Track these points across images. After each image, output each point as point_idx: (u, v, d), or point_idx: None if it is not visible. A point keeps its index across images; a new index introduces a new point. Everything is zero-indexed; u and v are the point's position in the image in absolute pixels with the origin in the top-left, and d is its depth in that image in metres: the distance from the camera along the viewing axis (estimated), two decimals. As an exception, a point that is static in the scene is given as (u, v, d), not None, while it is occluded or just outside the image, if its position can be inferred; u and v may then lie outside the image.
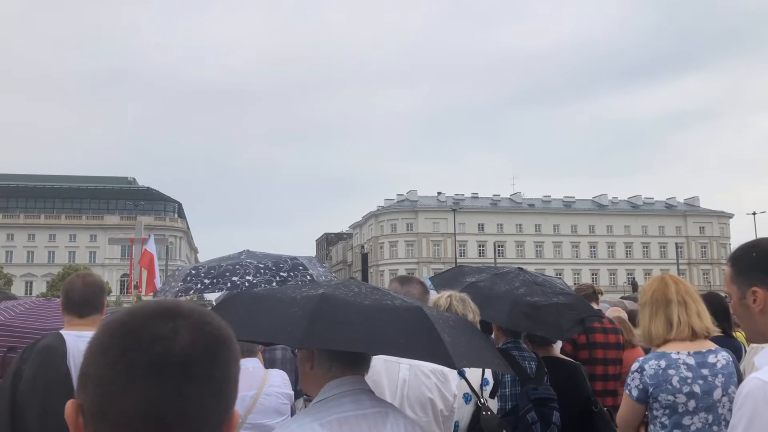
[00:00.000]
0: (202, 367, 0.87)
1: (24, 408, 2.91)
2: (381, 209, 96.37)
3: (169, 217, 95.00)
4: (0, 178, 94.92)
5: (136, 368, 0.84)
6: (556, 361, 4.13)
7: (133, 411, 0.84)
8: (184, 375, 0.86)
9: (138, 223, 21.15)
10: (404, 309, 1.97)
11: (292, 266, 5.07)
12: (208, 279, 4.90)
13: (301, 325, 1.81)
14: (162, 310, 0.90)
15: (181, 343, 0.86)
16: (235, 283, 4.81)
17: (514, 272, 4.39)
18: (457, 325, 2.12)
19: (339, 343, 1.87)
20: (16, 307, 4.15)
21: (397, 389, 2.75)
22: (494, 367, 2.21)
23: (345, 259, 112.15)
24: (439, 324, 1.91)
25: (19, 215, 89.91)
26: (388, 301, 2.01)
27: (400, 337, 1.87)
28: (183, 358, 0.86)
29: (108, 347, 0.87)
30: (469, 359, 1.99)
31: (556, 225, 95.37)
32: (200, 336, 0.88)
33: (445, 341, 1.83)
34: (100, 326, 0.92)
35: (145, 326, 0.87)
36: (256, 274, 4.87)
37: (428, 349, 1.86)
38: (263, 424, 3.14)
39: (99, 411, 0.86)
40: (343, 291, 2.02)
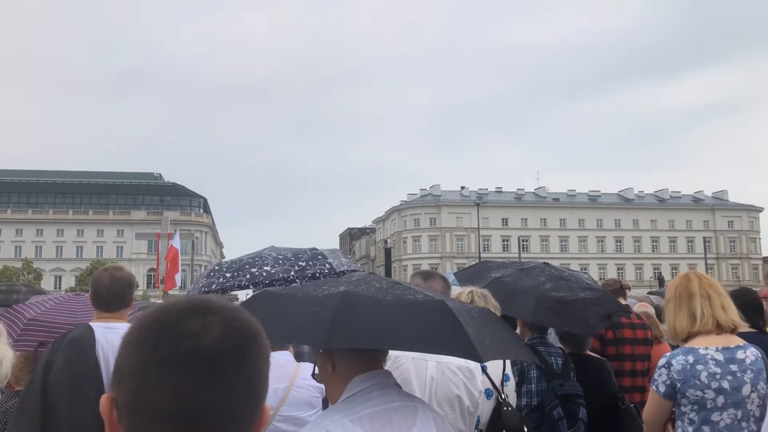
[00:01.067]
0: (232, 362, 0.89)
1: (54, 398, 2.96)
2: (404, 204, 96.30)
3: (194, 213, 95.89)
4: (30, 175, 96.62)
5: (167, 363, 0.86)
6: (582, 357, 4.10)
7: (165, 405, 0.86)
8: (215, 370, 0.87)
9: (164, 219, 21.34)
10: (427, 303, 1.95)
11: (311, 256, 5.10)
12: (229, 273, 4.97)
13: (324, 325, 1.79)
14: (193, 306, 0.92)
15: (211, 339, 0.88)
16: (253, 275, 4.85)
17: (540, 267, 4.36)
18: (480, 317, 2.10)
19: (363, 342, 1.86)
20: (46, 302, 4.22)
21: (425, 387, 2.76)
22: (520, 357, 2.19)
23: (368, 254, 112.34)
24: (462, 317, 1.90)
25: (48, 211, 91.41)
26: (410, 296, 1.99)
27: (425, 332, 1.85)
28: (213, 353, 0.87)
29: (141, 342, 0.89)
30: (494, 351, 1.97)
31: (582, 219, 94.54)
32: (230, 331, 0.90)
33: (470, 334, 1.81)
34: (134, 322, 0.94)
35: (177, 322, 0.89)
36: (274, 265, 4.90)
37: (454, 343, 1.85)
38: (295, 417, 3.15)
39: (132, 405, 0.88)
40: (364, 287, 2.00)
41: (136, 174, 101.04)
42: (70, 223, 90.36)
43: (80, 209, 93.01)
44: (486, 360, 1.85)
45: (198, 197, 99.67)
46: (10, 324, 4.06)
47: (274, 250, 5.23)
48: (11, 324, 4.05)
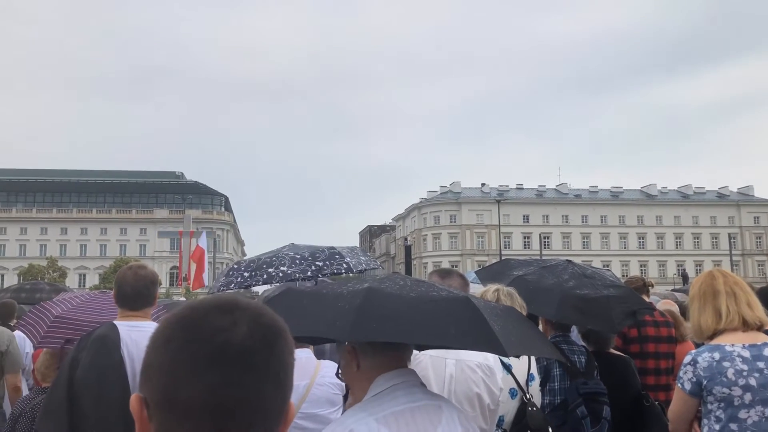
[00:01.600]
0: (261, 356, 0.90)
1: (80, 394, 3.00)
2: (424, 201, 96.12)
3: (216, 211, 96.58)
4: (54, 175, 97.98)
5: (198, 359, 0.88)
6: (605, 356, 4.07)
7: (196, 400, 0.87)
8: (244, 364, 0.88)
9: (186, 217, 21.57)
10: (452, 299, 1.95)
11: (328, 255, 5.11)
12: (247, 272, 5.02)
13: (349, 318, 1.80)
14: (221, 304, 0.93)
15: (240, 334, 0.89)
16: (270, 274, 4.89)
17: (563, 265, 4.33)
18: (505, 314, 2.09)
19: (388, 335, 1.85)
20: (72, 300, 4.26)
21: (444, 385, 2.73)
22: (545, 354, 2.17)
23: (388, 251, 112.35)
24: (487, 313, 1.89)
25: (72, 210, 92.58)
26: (435, 293, 1.99)
27: (450, 327, 1.84)
28: (242, 348, 0.89)
29: (170, 339, 0.91)
30: (520, 347, 1.96)
31: (604, 216, 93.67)
32: (258, 327, 0.92)
33: (494, 330, 1.81)
34: (162, 321, 0.96)
35: (206, 319, 0.91)
36: (291, 265, 4.93)
37: (479, 338, 1.84)
38: (315, 414, 3.16)
39: (163, 401, 0.89)
40: (388, 284, 2.00)
41: (159, 173, 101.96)
42: (94, 222, 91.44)
43: (104, 208, 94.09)
44: (511, 354, 1.83)
45: (219, 195, 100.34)
46: (38, 321, 4.11)
47: (293, 249, 5.25)
48: (38, 321, 4.11)
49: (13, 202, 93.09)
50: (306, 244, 5.60)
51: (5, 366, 5.31)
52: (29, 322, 4.20)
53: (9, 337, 5.37)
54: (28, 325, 4.20)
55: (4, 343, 5.29)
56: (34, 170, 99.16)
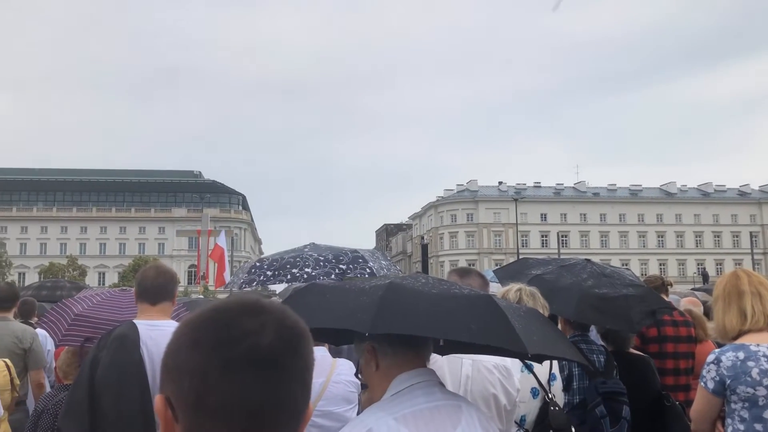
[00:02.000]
0: (288, 358, 0.93)
1: (101, 393, 3.03)
2: (441, 200, 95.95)
3: (233, 209, 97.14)
4: (74, 174, 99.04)
5: (230, 361, 0.89)
6: (625, 355, 4.04)
7: (227, 402, 0.89)
8: (274, 366, 0.91)
9: (204, 216, 21.73)
10: (474, 297, 1.96)
11: (351, 259, 5.12)
12: (270, 271, 5.05)
13: (371, 310, 1.81)
14: (247, 306, 0.95)
15: (268, 337, 0.91)
16: (294, 275, 4.92)
17: (581, 264, 4.30)
18: (527, 315, 2.08)
19: (409, 328, 1.85)
20: (93, 298, 4.30)
21: (460, 385, 2.72)
22: (567, 356, 2.14)
23: (405, 250, 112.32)
24: (509, 312, 1.89)
25: (91, 209, 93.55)
26: (456, 290, 2.00)
27: (471, 323, 1.84)
28: (271, 350, 0.91)
29: (199, 341, 0.92)
30: (541, 347, 1.94)
31: (622, 214, 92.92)
32: (284, 330, 0.94)
33: (516, 328, 1.80)
34: (183, 322, 0.97)
35: (234, 321, 0.92)
36: (315, 267, 4.95)
37: (500, 335, 1.83)
38: (331, 412, 3.17)
39: (194, 403, 0.90)
40: (410, 281, 2.02)
41: (177, 172, 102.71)
42: (113, 221, 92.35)
43: (123, 207, 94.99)
44: (533, 352, 1.82)
45: (237, 194, 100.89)
46: (59, 319, 4.16)
47: (315, 249, 5.27)
48: (59, 319, 4.15)
49: (34, 202, 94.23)
50: (326, 244, 5.61)
51: (29, 363, 5.38)
52: (50, 319, 4.25)
53: (32, 334, 5.44)
54: (49, 323, 4.25)
55: (27, 340, 5.36)
56: (55, 170, 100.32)
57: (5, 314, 5.47)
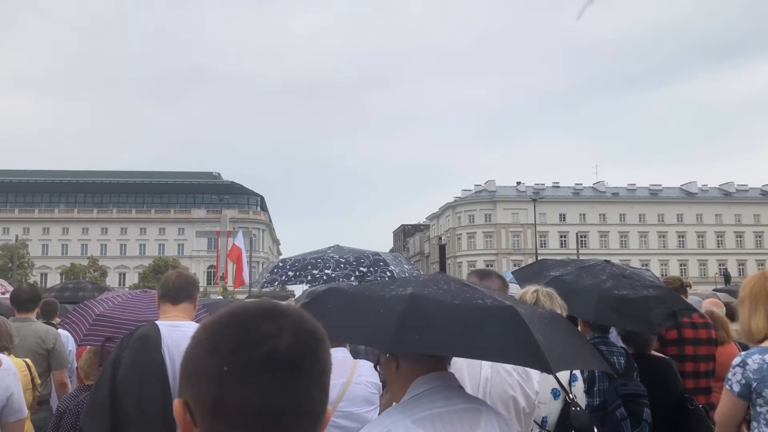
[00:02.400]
0: (306, 361, 0.92)
1: (122, 393, 3.06)
2: (458, 200, 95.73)
3: (252, 210, 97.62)
4: (95, 176, 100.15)
5: (248, 365, 0.89)
6: (646, 357, 4.00)
7: (246, 406, 0.89)
8: (292, 370, 0.91)
9: (223, 217, 21.88)
10: (496, 309, 1.89)
11: (373, 262, 5.13)
12: (292, 272, 5.10)
13: (390, 329, 1.77)
14: (265, 310, 0.95)
15: (286, 341, 0.91)
16: (314, 276, 4.95)
17: (601, 265, 4.27)
18: (551, 323, 2.04)
19: (429, 348, 1.82)
20: (114, 299, 4.35)
21: (479, 387, 2.71)
22: (592, 366, 2.12)
23: (422, 251, 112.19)
24: (533, 324, 1.84)
25: (112, 210, 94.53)
26: (479, 301, 1.93)
27: (494, 341, 1.80)
28: (289, 354, 0.91)
29: (217, 346, 0.91)
30: (566, 361, 1.92)
31: (642, 214, 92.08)
32: (301, 333, 0.94)
33: (540, 344, 1.76)
34: (201, 326, 0.97)
35: (252, 325, 0.92)
36: (335, 268, 4.98)
37: (524, 353, 1.79)
38: (352, 413, 3.18)
39: (213, 408, 0.90)
40: (432, 289, 1.96)
41: (196, 173, 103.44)
42: (134, 222, 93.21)
43: (143, 208, 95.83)
44: (557, 371, 1.80)
45: (255, 195, 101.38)
46: (80, 320, 4.21)
47: (338, 251, 5.29)
48: (81, 320, 4.20)
49: (56, 203, 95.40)
50: (350, 246, 5.63)
51: (51, 363, 5.45)
52: (72, 320, 4.30)
53: (54, 335, 5.51)
54: (71, 324, 4.30)
55: (50, 341, 5.43)
56: (76, 171, 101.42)
57: (28, 315, 5.54)
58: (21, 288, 5.95)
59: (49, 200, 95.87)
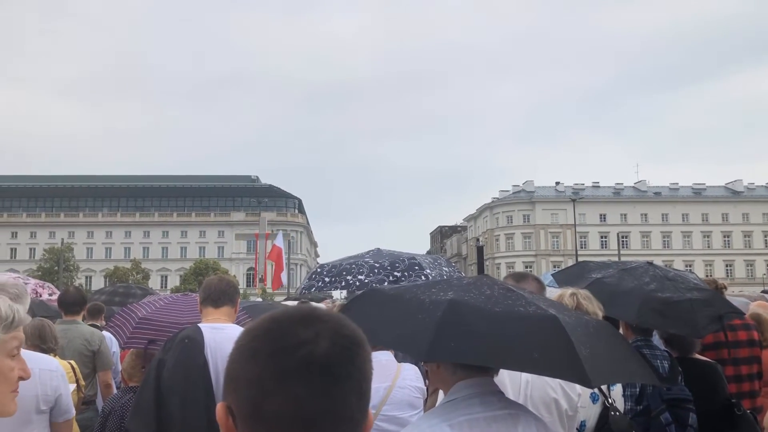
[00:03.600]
0: (344, 367, 0.93)
1: (167, 395, 3.12)
2: (496, 201, 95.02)
3: (290, 213, 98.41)
4: (136, 180, 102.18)
5: (284, 371, 0.90)
6: (691, 361, 3.91)
7: (283, 411, 0.90)
8: (329, 375, 0.91)
9: (262, 220, 22.08)
10: (538, 318, 1.84)
11: (408, 266, 5.12)
12: (328, 277, 5.16)
13: (428, 336, 1.74)
14: (303, 316, 0.96)
15: (323, 346, 0.92)
16: (348, 282, 4.99)
17: (643, 267, 4.18)
18: (597, 332, 1.97)
19: (466, 357, 1.79)
20: (156, 302, 4.43)
21: (520, 390, 2.69)
22: (638, 379, 2.05)
23: (460, 252, 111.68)
24: (576, 335, 1.79)
25: (154, 214, 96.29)
26: (521, 308, 1.88)
27: (534, 352, 1.75)
28: (326, 359, 0.91)
29: (256, 352, 0.93)
30: (609, 374, 1.86)
31: (685, 214, 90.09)
32: (339, 339, 0.94)
33: (581, 356, 1.71)
34: (244, 331, 0.99)
35: (290, 331, 0.94)
36: (369, 274, 5.00)
37: (562, 366, 1.74)
38: (396, 417, 3.16)
39: (252, 412, 0.92)
40: (473, 294, 1.92)
41: (235, 177, 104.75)
42: (175, 225, 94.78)
43: (183, 212, 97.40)
44: (597, 386, 1.76)
45: (293, 198, 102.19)
46: (124, 323, 4.30)
47: (374, 256, 5.31)
48: (125, 323, 4.29)
49: (99, 207, 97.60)
50: (390, 250, 5.62)
51: (97, 365, 5.58)
52: (117, 323, 4.40)
53: (99, 337, 5.64)
54: (115, 327, 4.40)
55: (95, 343, 5.56)
56: (118, 176, 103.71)
57: (74, 317, 5.68)
58: (68, 291, 6.10)
59: (93, 204, 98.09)
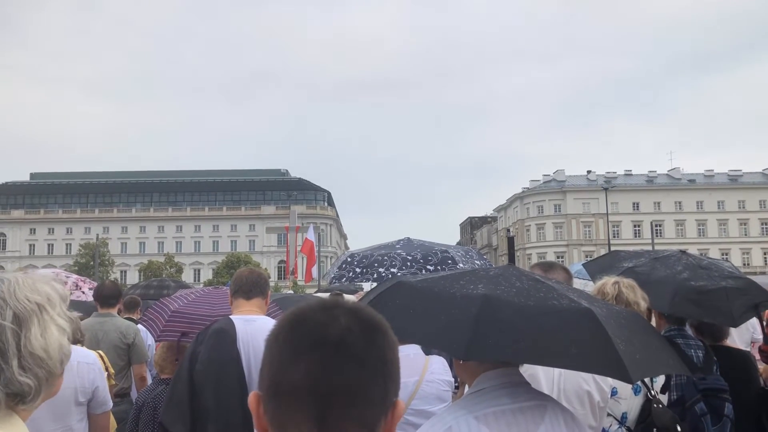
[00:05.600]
0: (359, 347, 0.97)
1: (201, 387, 3.15)
2: (526, 191, 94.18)
3: (319, 206, 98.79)
4: (168, 175, 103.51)
5: (299, 347, 0.97)
6: (724, 349, 3.85)
7: (297, 384, 0.95)
8: (342, 353, 0.96)
9: (292, 213, 22.29)
10: (573, 312, 1.81)
11: (441, 259, 5.06)
12: (359, 268, 5.10)
13: (465, 334, 1.72)
14: (324, 304, 1.03)
15: (338, 327, 0.97)
16: (380, 274, 4.95)
17: (676, 255, 4.11)
18: (629, 324, 1.94)
19: (504, 355, 1.77)
20: (188, 295, 4.49)
21: (553, 382, 2.68)
22: (673, 370, 2.01)
23: (490, 243, 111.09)
24: (611, 327, 1.76)
25: (186, 209, 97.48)
26: (555, 301, 1.85)
27: (571, 347, 1.73)
28: (339, 338, 0.96)
29: (278, 334, 1.01)
30: (646, 368, 1.83)
31: (721, 201, 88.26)
32: (355, 321, 0.99)
33: (619, 350, 1.69)
34: (274, 324, 1.06)
35: (309, 315, 1.01)
36: (402, 267, 4.95)
37: (602, 361, 1.72)
38: (425, 410, 3.15)
39: (270, 389, 0.98)
40: (504, 287, 1.89)
41: (265, 171, 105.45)
42: (207, 219, 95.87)
43: (215, 206, 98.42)
44: (636, 380, 1.73)
45: (323, 191, 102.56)
46: (157, 316, 4.37)
47: (405, 247, 5.25)
48: (158, 316, 4.36)
49: (133, 203, 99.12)
50: (420, 240, 5.56)
51: (132, 357, 5.68)
52: (150, 317, 4.47)
53: (135, 330, 5.74)
54: (148, 320, 4.47)
55: (130, 335, 5.66)
56: (151, 172, 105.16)
57: (110, 310, 5.78)
58: (104, 285, 6.21)
59: (127, 200, 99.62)
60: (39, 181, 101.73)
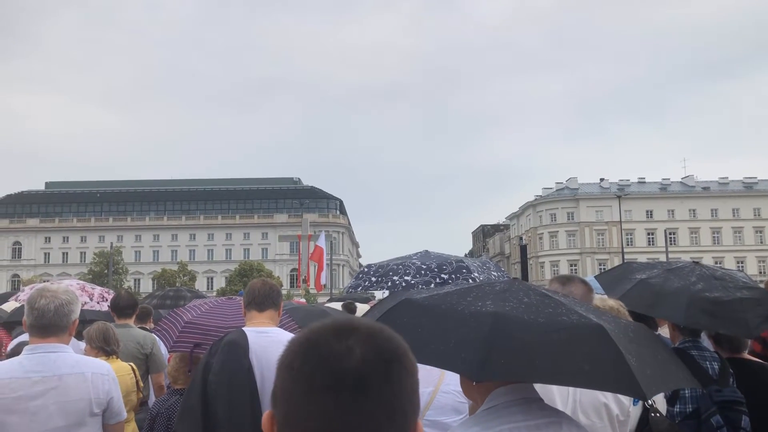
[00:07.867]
0: (375, 383, 0.92)
1: (213, 398, 3.17)
2: (539, 198, 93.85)
3: (332, 214, 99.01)
4: (181, 184, 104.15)
5: (314, 384, 0.91)
6: (741, 362, 3.81)
7: (311, 425, 0.91)
8: (358, 390, 0.90)
9: (304, 221, 22.25)
10: (584, 328, 1.78)
11: (455, 269, 5.07)
12: (375, 277, 5.16)
13: (476, 354, 1.69)
14: (338, 328, 0.97)
15: (354, 360, 0.92)
16: (394, 282, 4.97)
17: (689, 266, 4.08)
18: (637, 337, 1.92)
19: (518, 375, 1.74)
20: (201, 306, 4.51)
21: (569, 395, 2.65)
22: (682, 384, 2.00)
23: (502, 251, 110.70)
24: (622, 343, 1.74)
25: (199, 217, 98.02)
26: (564, 317, 1.82)
27: (584, 365, 1.70)
28: (356, 374, 0.91)
29: (291, 365, 0.95)
30: (658, 383, 1.80)
31: (736, 209, 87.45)
32: (373, 353, 0.93)
33: (632, 366, 1.66)
34: (287, 343, 1.01)
35: (323, 343, 0.94)
36: (415, 275, 4.97)
37: (615, 378, 1.69)
38: (440, 422, 3.11)
39: (284, 423, 0.94)
40: (512, 304, 1.86)
41: (278, 179, 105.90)
42: (220, 228, 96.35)
43: (228, 214, 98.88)
44: (650, 397, 1.70)
45: (335, 199, 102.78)
46: (171, 326, 4.39)
47: (422, 258, 5.29)
48: (171, 327, 4.38)
49: (146, 211, 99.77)
50: (438, 252, 5.59)
51: (150, 367, 5.70)
52: (163, 327, 4.49)
53: (152, 340, 5.76)
54: (162, 331, 4.49)
55: (148, 345, 5.68)
56: (164, 180, 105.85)
57: (127, 321, 5.81)
58: (120, 295, 6.23)
59: (140, 209, 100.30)
60: (54, 190, 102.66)
